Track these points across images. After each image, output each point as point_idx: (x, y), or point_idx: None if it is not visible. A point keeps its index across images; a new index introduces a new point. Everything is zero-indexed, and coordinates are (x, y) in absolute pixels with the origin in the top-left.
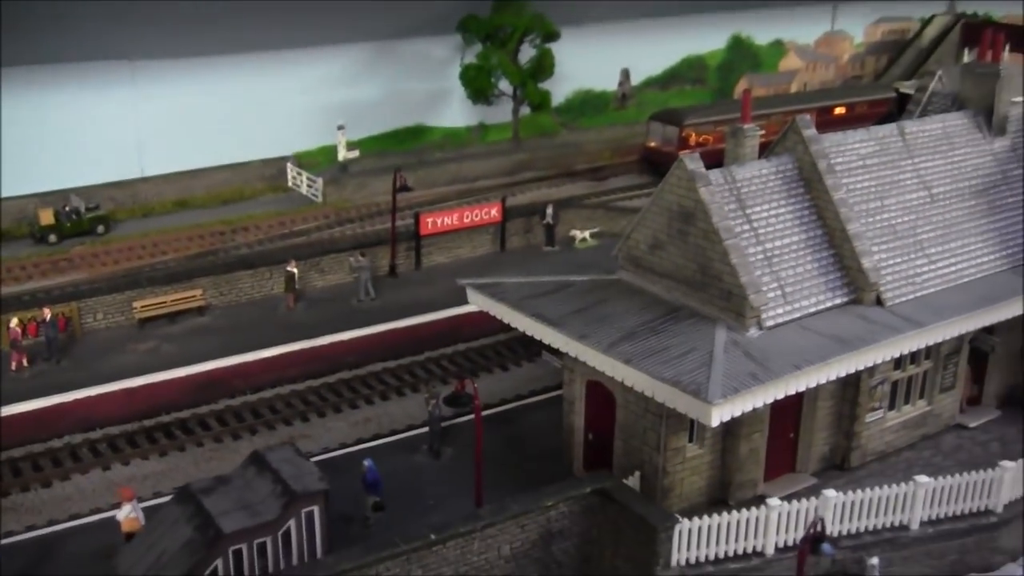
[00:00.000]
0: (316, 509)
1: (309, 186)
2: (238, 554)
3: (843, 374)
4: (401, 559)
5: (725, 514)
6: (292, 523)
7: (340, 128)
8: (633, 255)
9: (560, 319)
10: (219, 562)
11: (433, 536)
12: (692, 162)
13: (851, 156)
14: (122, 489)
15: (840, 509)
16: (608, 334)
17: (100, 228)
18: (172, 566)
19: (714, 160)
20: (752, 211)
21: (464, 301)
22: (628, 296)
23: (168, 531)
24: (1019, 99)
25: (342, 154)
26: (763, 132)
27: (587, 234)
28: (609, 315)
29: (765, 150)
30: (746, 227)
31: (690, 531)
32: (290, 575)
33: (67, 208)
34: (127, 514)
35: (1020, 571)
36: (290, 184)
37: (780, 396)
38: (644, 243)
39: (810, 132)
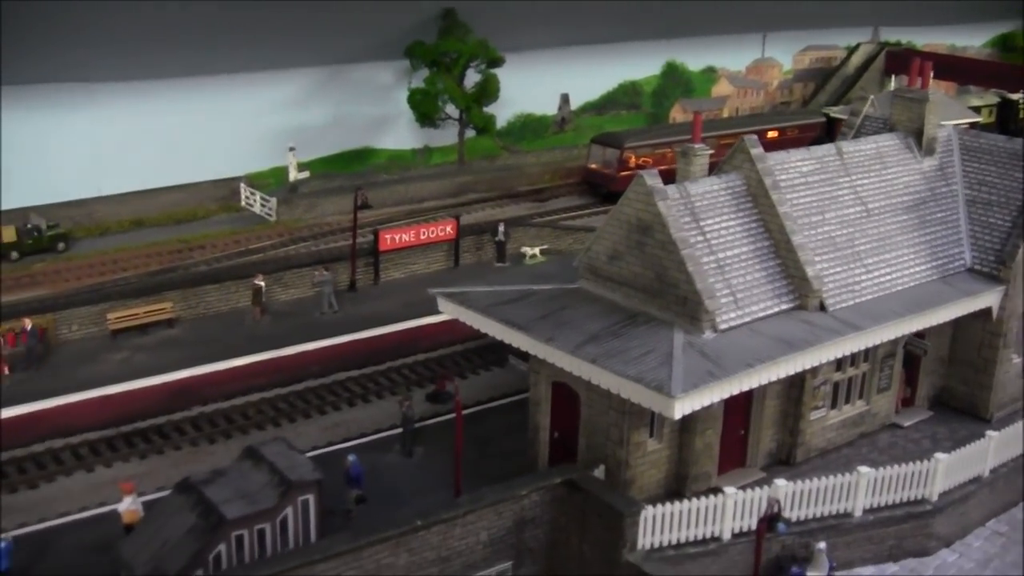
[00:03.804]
0: (311, 497)
1: (263, 206)
2: (240, 539)
3: (790, 373)
4: (390, 543)
5: (686, 501)
6: (289, 510)
7: (291, 150)
8: (593, 265)
9: (527, 324)
10: (222, 547)
11: (419, 522)
12: (651, 178)
13: (794, 173)
14: (122, 483)
15: (789, 497)
16: (573, 337)
17: (60, 245)
18: (177, 551)
19: None
20: (705, 224)
21: (422, 313)
22: (589, 303)
23: (171, 520)
24: (946, 122)
25: (292, 175)
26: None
27: (537, 251)
28: (572, 320)
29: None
30: (700, 238)
31: (653, 517)
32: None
33: (28, 226)
34: (127, 506)
35: (953, 556)
36: (243, 204)
37: (735, 392)
38: (604, 254)
39: (757, 151)
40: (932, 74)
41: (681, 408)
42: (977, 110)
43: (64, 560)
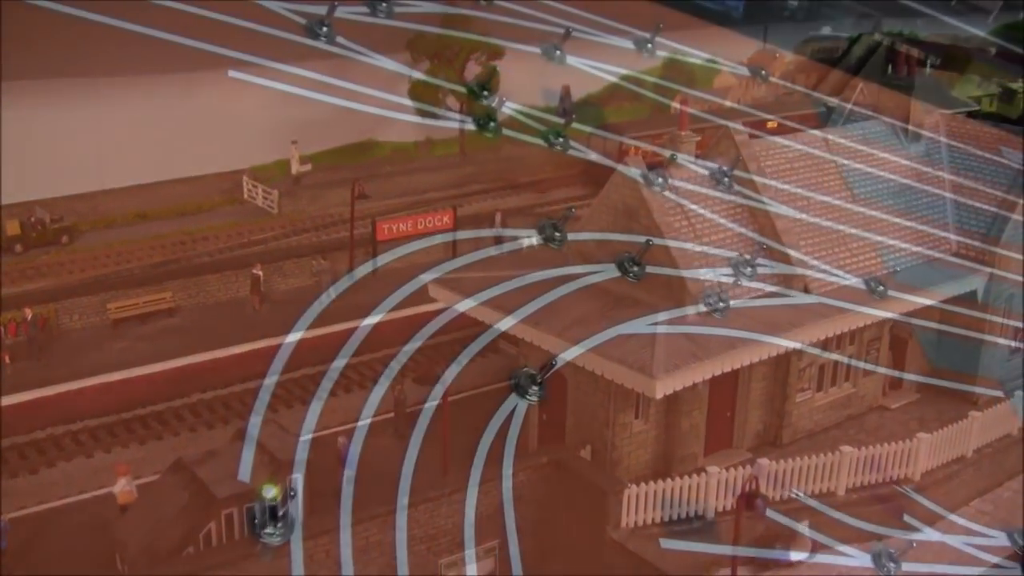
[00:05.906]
0: (299, 477)
1: (265, 198)
2: (229, 517)
3: (772, 354)
4: (378, 520)
5: (669, 480)
6: None
7: (293, 143)
8: (582, 250)
9: (515, 308)
10: (212, 524)
11: (406, 500)
12: (635, 164)
13: (779, 159)
14: (117, 465)
15: (772, 476)
16: (560, 321)
17: (65, 238)
18: (170, 529)
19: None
20: (690, 208)
21: (419, 302)
22: (577, 287)
23: (164, 499)
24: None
25: (295, 168)
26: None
27: (534, 240)
28: (560, 304)
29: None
30: (684, 223)
31: (637, 495)
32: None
33: (32, 219)
34: (122, 487)
35: (937, 536)
36: (246, 196)
37: (716, 372)
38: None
39: (742, 137)
40: (931, 63)
41: (662, 388)
42: (978, 99)
43: (62, 539)
